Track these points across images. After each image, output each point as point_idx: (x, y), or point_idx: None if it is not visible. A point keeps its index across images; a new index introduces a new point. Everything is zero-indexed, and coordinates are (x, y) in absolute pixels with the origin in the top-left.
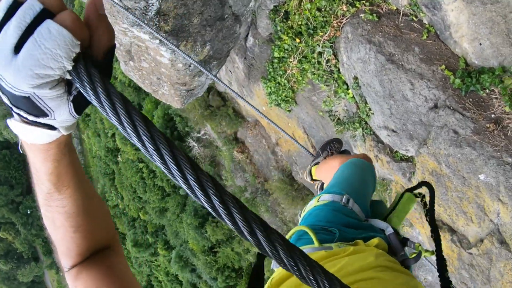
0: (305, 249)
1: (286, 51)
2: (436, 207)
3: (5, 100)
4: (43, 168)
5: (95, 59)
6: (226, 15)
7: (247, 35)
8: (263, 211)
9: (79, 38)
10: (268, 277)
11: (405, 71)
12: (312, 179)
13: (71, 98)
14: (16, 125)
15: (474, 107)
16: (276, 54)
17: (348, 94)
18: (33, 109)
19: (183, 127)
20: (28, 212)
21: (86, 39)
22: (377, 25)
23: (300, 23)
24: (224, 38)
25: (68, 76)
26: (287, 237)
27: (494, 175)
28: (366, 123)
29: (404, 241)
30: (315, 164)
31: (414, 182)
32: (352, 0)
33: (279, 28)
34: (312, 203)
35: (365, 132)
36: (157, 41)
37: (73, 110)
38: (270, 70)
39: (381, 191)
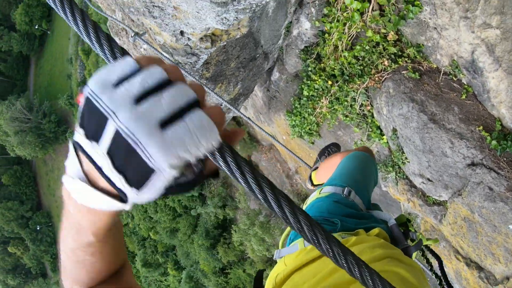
0: None
1: (316, 90)
2: (465, 246)
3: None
4: (89, 225)
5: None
6: (258, 55)
7: (270, 69)
8: (277, 234)
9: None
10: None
11: (446, 131)
12: (312, 185)
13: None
14: (78, 186)
15: (508, 167)
16: (305, 93)
17: (383, 139)
18: (137, 181)
19: None
20: (38, 228)
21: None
22: (418, 83)
23: (334, 67)
24: (254, 75)
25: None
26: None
27: None
28: (399, 167)
29: (406, 233)
30: (315, 169)
31: (444, 225)
32: (395, 56)
33: (310, 69)
34: (314, 195)
35: (398, 176)
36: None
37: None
38: (297, 105)
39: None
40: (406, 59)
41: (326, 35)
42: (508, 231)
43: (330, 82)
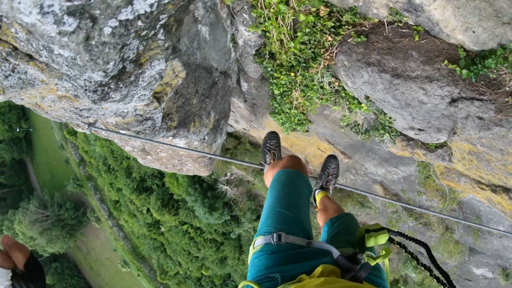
0: None
1: (285, 86)
2: (484, 175)
3: None
4: None
5: (19, 272)
6: (216, 78)
7: (237, 81)
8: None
9: (7, 267)
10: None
11: (413, 80)
12: None
13: None
14: None
15: (489, 89)
16: (276, 92)
17: (363, 107)
18: None
19: (209, 177)
20: None
21: (12, 265)
22: (368, 45)
23: (288, 59)
24: (223, 97)
25: None
26: None
27: None
28: (390, 126)
29: (354, 257)
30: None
31: (455, 162)
32: (334, 29)
33: (269, 69)
34: (251, 251)
35: (392, 135)
36: (170, 137)
37: None
38: (276, 105)
39: (422, 173)
40: (346, 26)
41: (267, 33)
42: None
43: (292, 74)
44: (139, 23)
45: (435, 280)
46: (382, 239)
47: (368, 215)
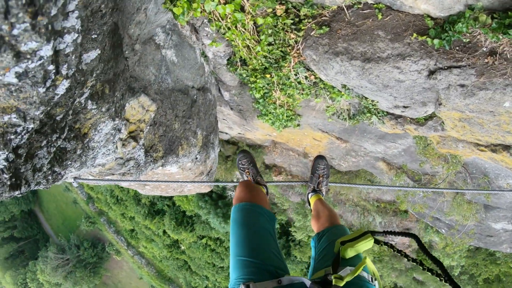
0: None
1: (263, 88)
2: (480, 137)
3: None
4: None
5: None
6: (195, 96)
7: (219, 91)
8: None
9: None
10: None
11: (385, 61)
12: None
13: None
14: None
15: (464, 54)
16: (257, 95)
17: (343, 95)
18: None
19: (216, 186)
20: None
21: None
22: (332, 34)
23: (260, 63)
24: (206, 112)
25: None
26: None
27: None
28: (375, 108)
29: (326, 280)
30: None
31: (448, 130)
32: (294, 25)
33: (244, 75)
34: None
35: (380, 116)
36: (159, 167)
37: None
38: (260, 107)
39: (419, 143)
40: (306, 20)
41: (233, 42)
42: (505, 109)
43: (268, 76)
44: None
45: (429, 273)
46: (365, 245)
47: (379, 190)
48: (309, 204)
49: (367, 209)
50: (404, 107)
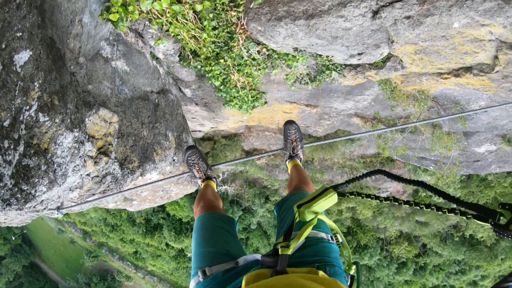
0: None
1: (221, 74)
2: (441, 65)
3: None
4: None
5: None
6: (156, 100)
7: (180, 89)
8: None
9: None
10: None
11: (327, 13)
12: None
13: None
14: None
15: None
16: (217, 83)
17: (298, 60)
18: None
19: None
20: None
21: None
22: (271, 1)
23: (210, 50)
24: (172, 113)
25: None
26: None
27: (463, 15)
28: (333, 63)
29: (275, 251)
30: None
31: (408, 67)
32: (233, 2)
33: (199, 67)
34: None
35: (339, 71)
36: (139, 177)
37: None
38: (224, 94)
39: (386, 89)
40: None
41: (179, 36)
42: (456, 30)
43: (222, 61)
44: None
45: (407, 205)
46: (325, 202)
47: (361, 146)
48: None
49: (355, 168)
50: (359, 54)
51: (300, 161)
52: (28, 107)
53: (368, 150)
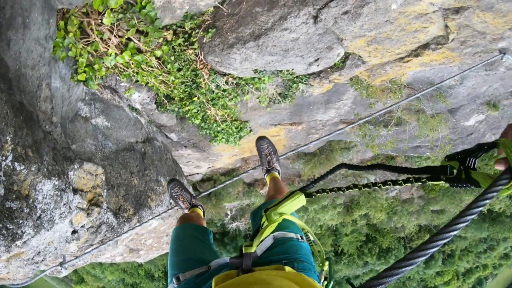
0: None
1: (198, 112)
2: (398, 51)
3: None
4: None
5: None
6: (142, 149)
7: (166, 135)
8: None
9: None
10: None
11: (272, 29)
12: None
13: None
14: None
15: None
16: (197, 122)
17: (264, 80)
18: None
19: (216, 227)
20: None
21: None
22: (220, 32)
23: (181, 90)
24: (160, 159)
25: None
26: None
27: None
28: (296, 76)
29: (241, 253)
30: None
31: (368, 60)
32: (187, 40)
33: (176, 109)
34: None
35: (305, 82)
36: (138, 227)
37: None
38: (207, 132)
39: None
40: (194, 32)
41: (148, 84)
42: (396, 11)
43: (195, 99)
44: None
45: (367, 188)
46: (292, 204)
47: (359, 152)
48: None
49: (357, 174)
50: (316, 60)
51: (278, 173)
52: (4, 158)
53: (366, 154)
